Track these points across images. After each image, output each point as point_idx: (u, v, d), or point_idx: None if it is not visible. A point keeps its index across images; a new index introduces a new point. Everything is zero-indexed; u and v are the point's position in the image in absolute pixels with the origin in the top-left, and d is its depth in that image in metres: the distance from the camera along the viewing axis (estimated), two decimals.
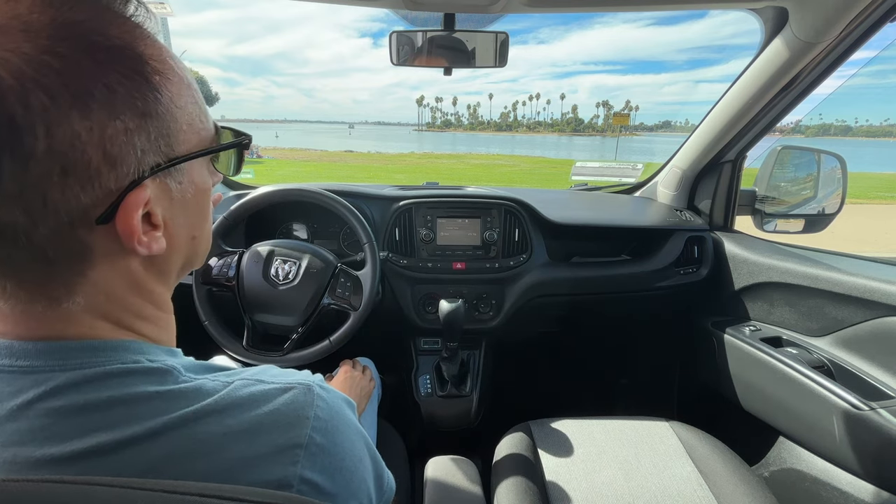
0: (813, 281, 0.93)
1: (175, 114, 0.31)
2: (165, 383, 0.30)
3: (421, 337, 1.21)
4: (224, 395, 0.31)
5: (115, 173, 0.28)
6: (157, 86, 0.29)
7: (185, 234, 0.35)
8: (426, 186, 1.33)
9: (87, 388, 0.28)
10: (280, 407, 0.32)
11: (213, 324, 0.93)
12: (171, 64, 0.31)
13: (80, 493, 0.23)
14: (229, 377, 0.33)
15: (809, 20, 0.80)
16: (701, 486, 0.79)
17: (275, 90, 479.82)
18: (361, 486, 0.36)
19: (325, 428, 0.33)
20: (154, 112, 0.29)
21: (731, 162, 1.20)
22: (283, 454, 0.30)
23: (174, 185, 0.32)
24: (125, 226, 0.29)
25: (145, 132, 0.29)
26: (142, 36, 0.30)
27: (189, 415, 0.29)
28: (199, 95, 0.34)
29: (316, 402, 0.33)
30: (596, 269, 1.22)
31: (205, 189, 0.36)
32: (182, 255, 0.37)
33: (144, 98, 0.29)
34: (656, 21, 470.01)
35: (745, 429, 1.04)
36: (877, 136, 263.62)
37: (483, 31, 0.87)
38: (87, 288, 0.30)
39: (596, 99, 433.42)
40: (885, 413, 0.75)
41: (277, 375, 0.35)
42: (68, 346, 0.30)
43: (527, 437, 0.90)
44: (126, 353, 0.31)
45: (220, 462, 0.29)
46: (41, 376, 0.28)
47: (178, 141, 0.32)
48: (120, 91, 0.27)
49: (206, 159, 0.36)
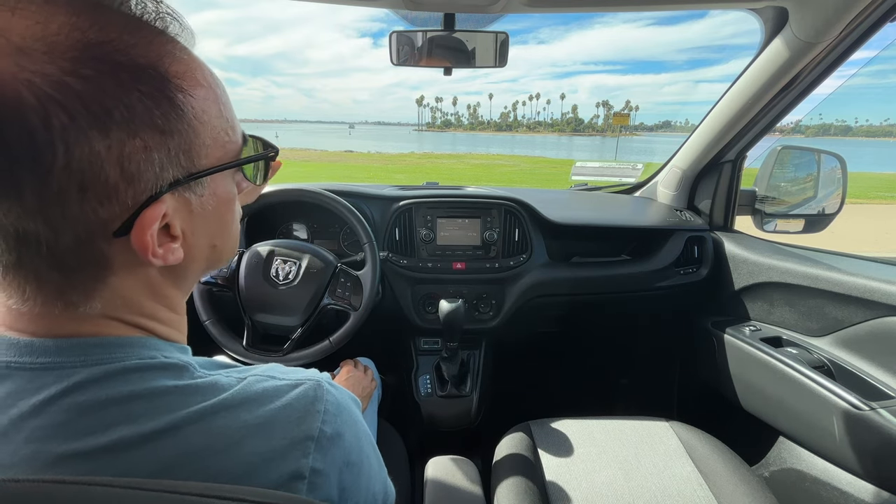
0: (813, 281, 0.93)
1: (198, 129, 0.31)
2: (182, 378, 0.31)
3: (421, 337, 1.21)
4: (239, 391, 0.32)
5: (132, 189, 0.28)
6: (180, 103, 0.30)
7: (205, 243, 0.36)
8: (426, 186, 1.33)
9: (107, 384, 0.29)
10: (292, 401, 0.33)
11: (213, 323, 0.93)
12: (198, 79, 0.32)
13: (80, 494, 0.23)
14: (241, 373, 0.34)
15: (809, 20, 0.80)
16: (701, 486, 0.79)
17: (275, 90, 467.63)
18: (368, 485, 0.37)
19: (335, 421, 0.34)
20: (175, 129, 0.30)
21: (731, 162, 1.20)
22: (297, 447, 0.31)
23: (194, 199, 0.33)
24: (139, 240, 0.29)
25: (165, 149, 0.29)
26: (170, 53, 0.30)
27: (206, 409, 0.30)
28: (227, 108, 0.35)
29: (325, 396, 0.34)
30: (596, 269, 1.22)
31: (228, 199, 0.37)
32: (202, 263, 0.38)
33: (165, 116, 0.29)
34: (656, 21, 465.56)
35: (745, 429, 1.04)
36: (877, 136, 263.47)
37: (483, 31, 0.87)
38: (105, 294, 0.31)
39: (596, 99, 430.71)
40: (885, 413, 0.75)
41: (287, 372, 0.36)
42: (87, 342, 0.30)
43: (527, 437, 0.90)
44: (143, 349, 0.32)
45: (237, 457, 0.29)
46: (63, 372, 0.29)
47: (200, 155, 0.32)
48: (140, 110, 0.28)
49: (231, 171, 0.36)
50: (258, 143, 0.39)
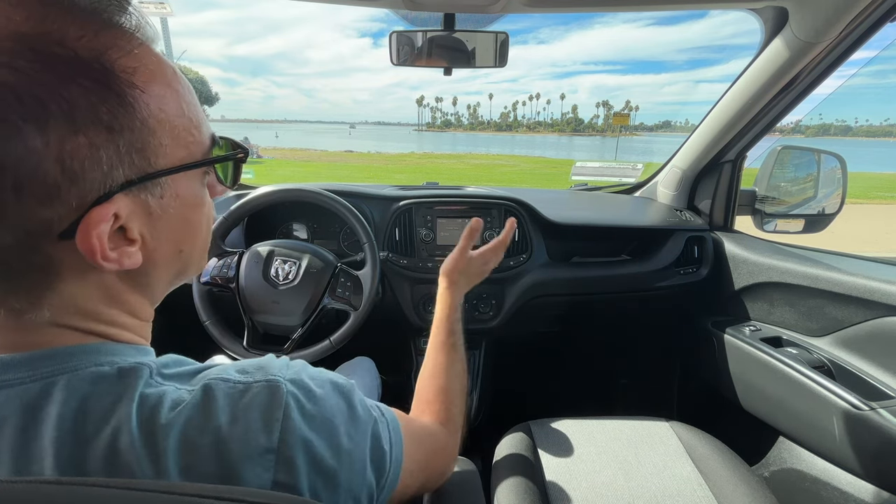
0: (813, 281, 0.93)
1: (153, 127, 0.29)
2: (136, 388, 0.29)
3: (421, 337, 1.21)
4: (189, 404, 0.30)
5: (76, 189, 0.27)
6: (131, 99, 0.28)
7: (170, 248, 0.34)
8: (426, 186, 1.33)
9: (61, 398, 0.28)
10: (245, 411, 0.30)
11: (213, 324, 0.93)
12: (154, 75, 0.30)
13: (80, 494, 0.23)
14: (193, 383, 0.32)
15: (809, 20, 0.80)
16: (701, 486, 0.79)
17: (275, 90, 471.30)
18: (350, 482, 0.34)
19: (297, 426, 0.31)
20: (125, 126, 0.28)
21: (731, 162, 1.19)
22: (254, 461, 0.29)
23: (153, 201, 0.31)
24: (85, 243, 0.28)
25: (113, 147, 0.27)
26: (118, 46, 0.28)
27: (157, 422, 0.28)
28: (190, 107, 0.33)
29: (285, 399, 0.31)
30: (596, 269, 1.22)
31: (194, 203, 0.35)
32: (168, 269, 0.35)
33: (113, 112, 0.27)
34: (656, 21, 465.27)
35: (745, 429, 1.04)
36: (877, 135, 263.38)
37: (483, 31, 0.87)
38: (54, 301, 0.29)
39: (596, 99, 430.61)
40: (885, 413, 0.75)
41: (245, 370, 0.33)
42: (34, 355, 0.29)
43: (527, 437, 0.90)
44: (97, 355, 0.30)
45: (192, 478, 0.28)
46: (12, 391, 0.28)
47: (157, 155, 0.30)
48: (82, 105, 0.26)
49: (198, 171, 0.34)
50: (228, 144, 0.37)
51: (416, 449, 0.43)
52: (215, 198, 0.39)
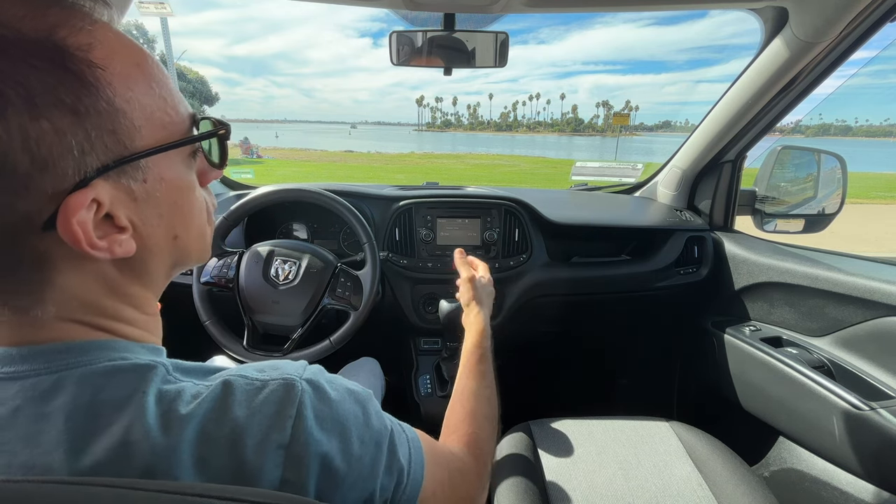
0: (813, 281, 0.93)
1: (123, 108, 0.28)
2: (153, 382, 0.29)
3: (421, 337, 1.21)
4: (206, 398, 0.30)
5: (49, 177, 0.26)
6: (92, 79, 0.27)
7: (163, 234, 0.33)
8: (426, 186, 1.33)
9: (74, 390, 0.28)
10: (261, 406, 0.30)
11: (213, 324, 0.93)
12: (115, 51, 0.28)
13: (80, 494, 0.23)
14: (210, 378, 0.32)
15: (809, 20, 0.80)
16: (701, 486, 0.79)
17: (275, 90, 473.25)
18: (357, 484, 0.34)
19: (309, 425, 0.31)
20: (91, 109, 0.27)
21: (731, 162, 1.20)
22: (267, 456, 0.29)
23: (135, 185, 0.30)
24: (66, 231, 0.27)
25: (81, 131, 0.26)
26: (68, 23, 0.27)
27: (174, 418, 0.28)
28: (162, 86, 0.31)
29: (299, 397, 0.31)
30: (596, 270, 1.22)
31: (182, 186, 0.34)
32: (165, 257, 0.35)
33: (76, 94, 0.26)
34: (656, 21, 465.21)
35: (745, 429, 1.04)
36: (877, 135, 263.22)
37: (483, 31, 0.87)
38: (55, 295, 0.29)
39: (596, 99, 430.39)
40: (885, 413, 0.75)
41: (263, 370, 0.33)
42: (47, 349, 0.29)
43: (527, 437, 0.90)
44: (110, 351, 0.30)
45: (209, 471, 0.28)
46: (27, 382, 0.28)
47: (132, 137, 0.29)
48: (38, 88, 0.25)
49: (182, 153, 0.33)
50: (209, 122, 0.36)
51: (439, 469, 0.42)
52: (208, 184, 0.38)
